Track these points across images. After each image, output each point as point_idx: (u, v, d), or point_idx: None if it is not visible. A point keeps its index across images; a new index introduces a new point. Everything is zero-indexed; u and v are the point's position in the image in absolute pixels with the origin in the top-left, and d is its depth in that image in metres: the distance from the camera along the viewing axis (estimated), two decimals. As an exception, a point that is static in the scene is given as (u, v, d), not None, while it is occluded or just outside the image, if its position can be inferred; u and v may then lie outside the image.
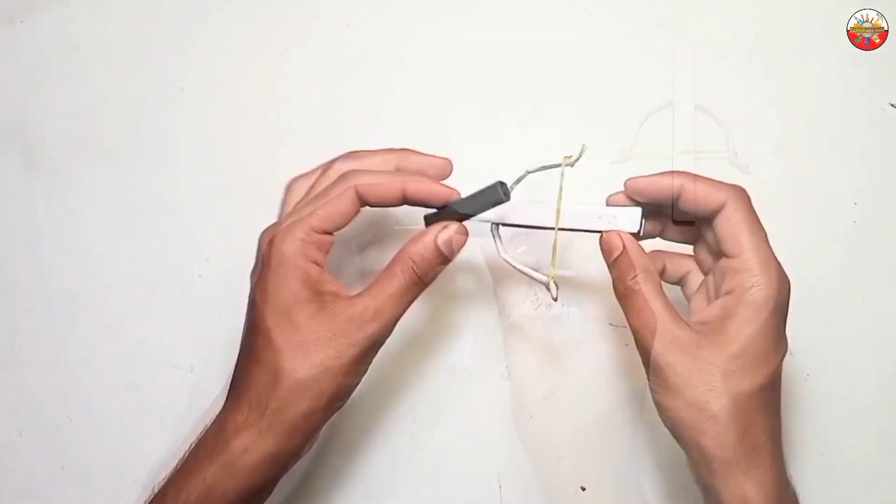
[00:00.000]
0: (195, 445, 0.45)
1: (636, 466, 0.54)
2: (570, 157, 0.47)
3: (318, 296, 0.44)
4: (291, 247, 0.44)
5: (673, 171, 0.45)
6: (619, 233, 0.45)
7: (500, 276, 0.58)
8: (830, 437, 0.55)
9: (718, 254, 0.45)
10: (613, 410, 0.55)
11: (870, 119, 0.59)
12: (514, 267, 0.47)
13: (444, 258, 0.46)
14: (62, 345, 0.59)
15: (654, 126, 0.60)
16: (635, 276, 0.44)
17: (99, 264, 0.60)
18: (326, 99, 0.62)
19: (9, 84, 0.64)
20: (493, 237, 0.48)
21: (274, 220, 0.60)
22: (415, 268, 0.45)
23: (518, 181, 0.48)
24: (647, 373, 0.44)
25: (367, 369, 0.45)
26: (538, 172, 0.48)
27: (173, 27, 0.64)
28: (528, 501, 0.55)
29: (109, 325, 0.59)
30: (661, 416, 0.44)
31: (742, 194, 0.44)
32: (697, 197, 0.44)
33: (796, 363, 0.55)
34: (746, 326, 0.42)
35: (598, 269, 0.58)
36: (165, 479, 0.45)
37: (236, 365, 0.47)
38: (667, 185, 0.45)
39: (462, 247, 0.46)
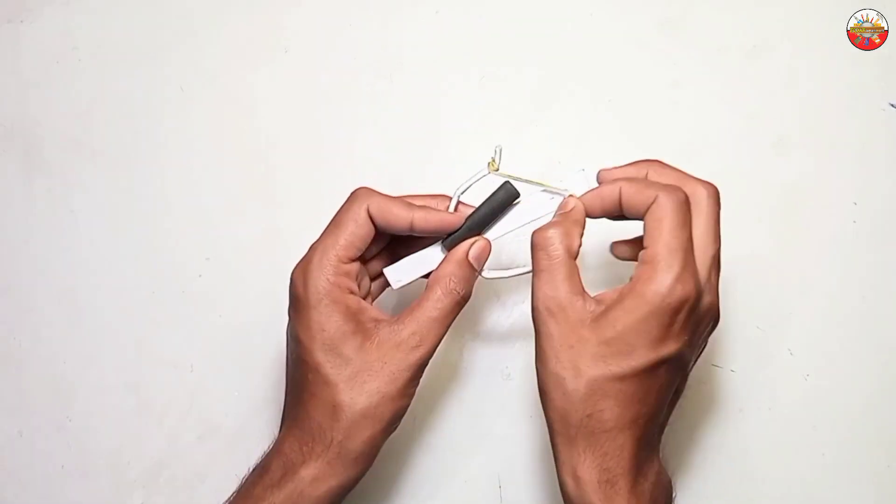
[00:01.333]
0: (259, 472, 0.45)
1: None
2: (493, 161, 0.47)
3: (361, 325, 0.45)
4: (326, 283, 0.45)
5: (615, 180, 0.45)
6: (572, 197, 0.46)
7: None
8: (830, 437, 0.54)
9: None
10: (613, 410, 0.55)
11: (869, 119, 0.59)
12: (499, 278, 0.48)
13: (476, 273, 0.47)
14: (62, 344, 0.59)
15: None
16: (560, 237, 0.44)
17: (99, 264, 0.60)
18: (327, 99, 0.62)
19: (9, 84, 0.64)
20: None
21: (272, 219, 0.60)
22: (456, 288, 0.46)
23: (456, 203, 0.48)
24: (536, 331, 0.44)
25: (417, 388, 0.46)
26: (476, 183, 0.48)
27: (173, 27, 0.64)
28: (529, 502, 0.55)
29: (109, 325, 0.59)
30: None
31: (674, 195, 0.43)
32: (632, 198, 0.44)
33: (796, 363, 0.56)
34: (626, 316, 0.41)
35: (597, 267, 0.58)
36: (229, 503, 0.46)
37: (288, 395, 0.48)
38: (611, 195, 0.45)
39: (487, 259, 0.47)
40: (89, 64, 0.64)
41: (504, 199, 0.47)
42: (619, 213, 0.45)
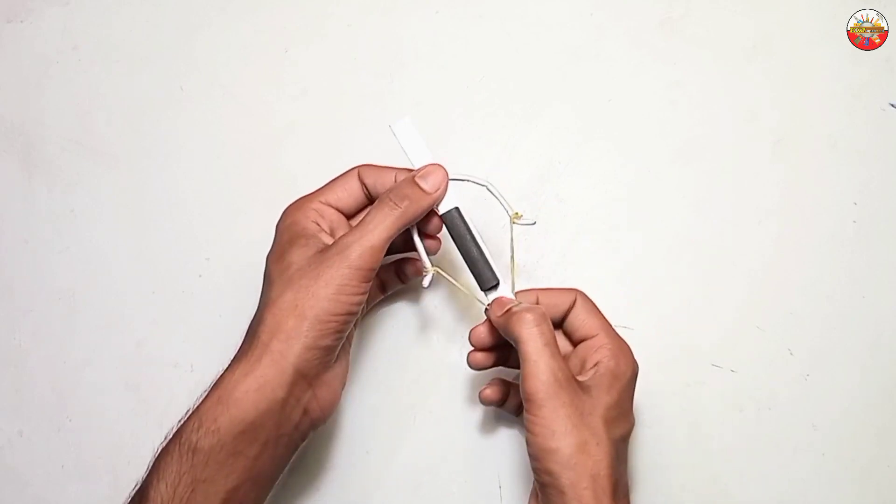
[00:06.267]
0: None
1: (636, 466, 0.54)
2: (520, 215, 0.50)
3: (314, 242, 0.47)
4: (295, 210, 0.49)
5: (523, 291, 0.50)
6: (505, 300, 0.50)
7: (502, 276, 0.58)
8: (830, 436, 0.55)
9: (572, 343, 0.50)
10: (613, 410, 0.55)
11: (870, 119, 0.59)
12: (413, 236, 0.50)
13: (424, 192, 0.48)
14: (62, 344, 0.59)
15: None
16: (536, 336, 0.46)
17: (99, 264, 0.60)
18: (327, 99, 0.62)
19: (9, 84, 0.64)
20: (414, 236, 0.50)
21: (272, 219, 0.60)
22: (394, 200, 0.48)
23: (469, 181, 0.50)
24: (529, 410, 0.45)
25: (356, 301, 0.46)
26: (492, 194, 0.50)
27: (174, 27, 0.64)
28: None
29: (110, 325, 0.59)
30: (537, 459, 0.45)
31: (582, 293, 0.50)
32: (555, 302, 0.49)
33: (796, 363, 0.56)
34: (617, 383, 0.46)
35: (600, 269, 0.58)
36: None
37: None
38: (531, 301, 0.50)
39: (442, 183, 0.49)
40: (90, 64, 0.64)
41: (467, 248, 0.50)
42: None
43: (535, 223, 0.50)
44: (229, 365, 0.46)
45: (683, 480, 0.54)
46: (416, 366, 0.57)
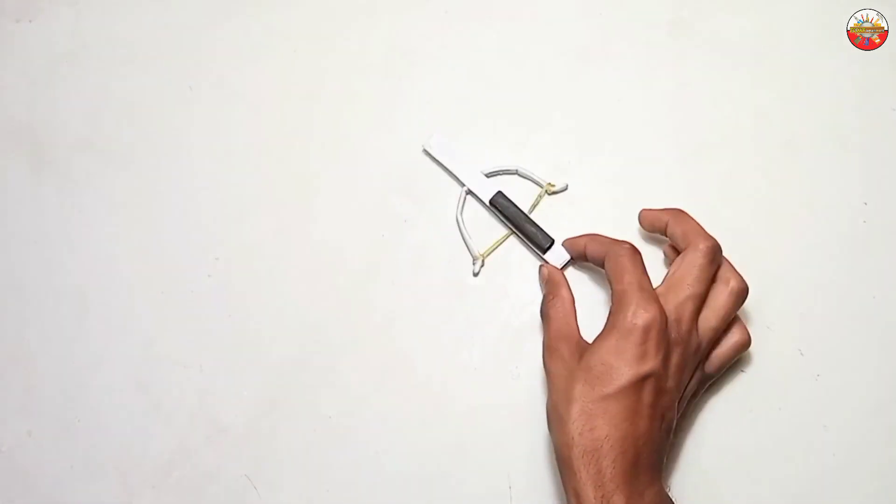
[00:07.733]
0: None
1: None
2: (553, 185, 0.57)
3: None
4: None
5: (577, 237, 0.56)
6: (548, 266, 0.56)
7: (510, 275, 0.58)
8: (841, 437, 0.54)
9: None
10: (623, 410, 0.55)
11: (880, 119, 0.59)
12: (461, 230, 0.57)
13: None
14: (71, 344, 0.59)
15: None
16: (551, 300, 0.53)
17: (108, 264, 0.60)
18: (335, 99, 0.62)
19: (17, 83, 0.64)
20: (460, 200, 0.57)
21: (280, 219, 0.60)
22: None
23: (501, 173, 0.57)
24: None
25: None
26: (521, 178, 0.58)
27: (183, 27, 0.64)
28: (539, 501, 0.54)
29: (118, 325, 0.59)
30: None
31: (617, 248, 0.51)
32: (593, 253, 0.53)
33: (807, 363, 0.55)
34: (603, 343, 0.47)
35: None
36: None
37: None
38: (578, 248, 0.55)
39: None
40: (99, 63, 0.64)
41: (535, 238, 0.56)
42: (587, 261, 0.55)
43: (567, 188, 0.57)
44: None
45: (692, 481, 0.54)
46: (427, 366, 0.57)
